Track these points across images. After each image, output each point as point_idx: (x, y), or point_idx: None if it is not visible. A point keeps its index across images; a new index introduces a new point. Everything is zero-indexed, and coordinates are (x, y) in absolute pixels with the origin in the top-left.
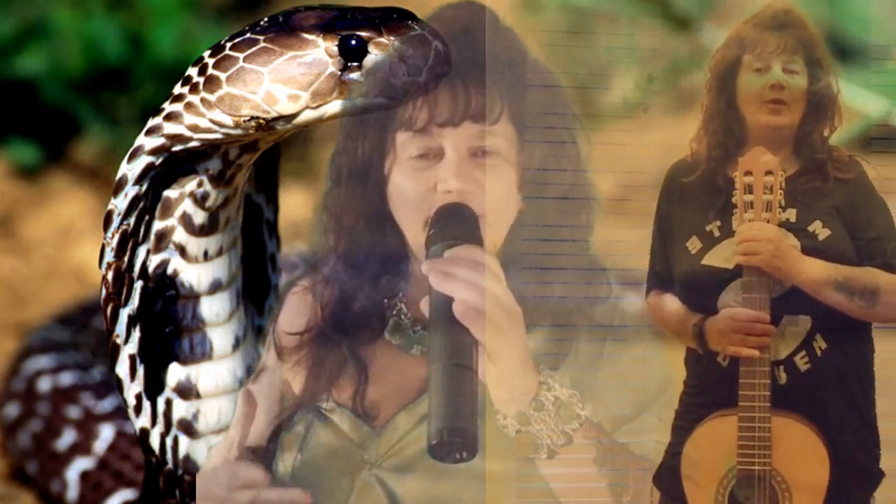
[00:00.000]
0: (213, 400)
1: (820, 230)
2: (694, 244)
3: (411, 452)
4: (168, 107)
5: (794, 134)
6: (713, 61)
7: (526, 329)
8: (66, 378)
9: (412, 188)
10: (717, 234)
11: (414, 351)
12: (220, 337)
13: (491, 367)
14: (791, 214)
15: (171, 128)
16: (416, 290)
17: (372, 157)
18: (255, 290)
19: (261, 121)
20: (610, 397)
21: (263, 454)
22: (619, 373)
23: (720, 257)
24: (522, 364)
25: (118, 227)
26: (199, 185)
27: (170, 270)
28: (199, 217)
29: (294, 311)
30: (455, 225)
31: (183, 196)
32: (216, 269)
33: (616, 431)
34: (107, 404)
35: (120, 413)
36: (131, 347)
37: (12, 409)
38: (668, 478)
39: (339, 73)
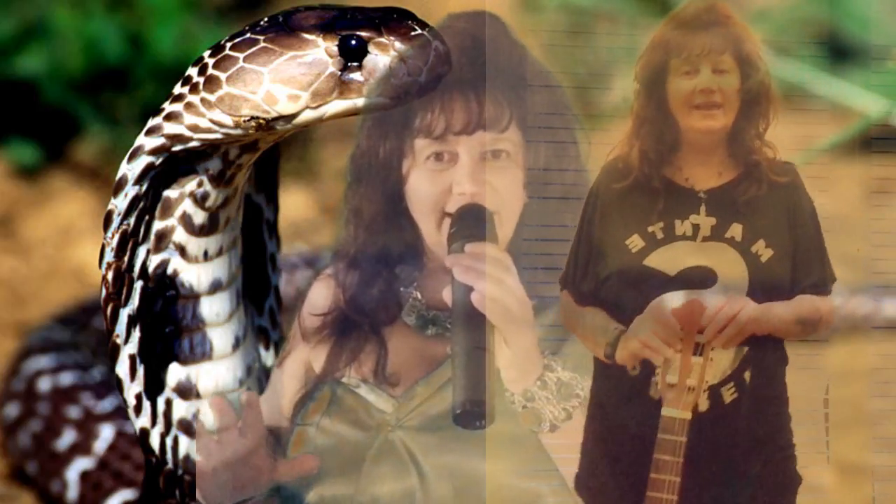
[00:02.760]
0: None
1: (763, 250)
2: (635, 242)
3: (428, 416)
4: (168, 107)
5: (728, 134)
6: (638, 67)
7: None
8: (66, 378)
9: (428, 189)
10: (660, 235)
11: (429, 331)
12: (220, 337)
13: (504, 351)
14: (736, 232)
15: (171, 128)
16: (430, 279)
17: (392, 157)
18: (255, 290)
19: (261, 121)
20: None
21: (280, 431)
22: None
23: (661, 260)
24: (530, 348)
25: (118, 227)
26: (199, 185)
27: (170, 270)
28: (199, 217)
29: (318, 296)
30: (473, 224)
31: (183, 196)
32: (216, 269)
33: None
34: (107, 404)
35: (120, 413)
36: (131, 347)
37: (12, 409)
38: (591, 483)
39: (339, 73)
